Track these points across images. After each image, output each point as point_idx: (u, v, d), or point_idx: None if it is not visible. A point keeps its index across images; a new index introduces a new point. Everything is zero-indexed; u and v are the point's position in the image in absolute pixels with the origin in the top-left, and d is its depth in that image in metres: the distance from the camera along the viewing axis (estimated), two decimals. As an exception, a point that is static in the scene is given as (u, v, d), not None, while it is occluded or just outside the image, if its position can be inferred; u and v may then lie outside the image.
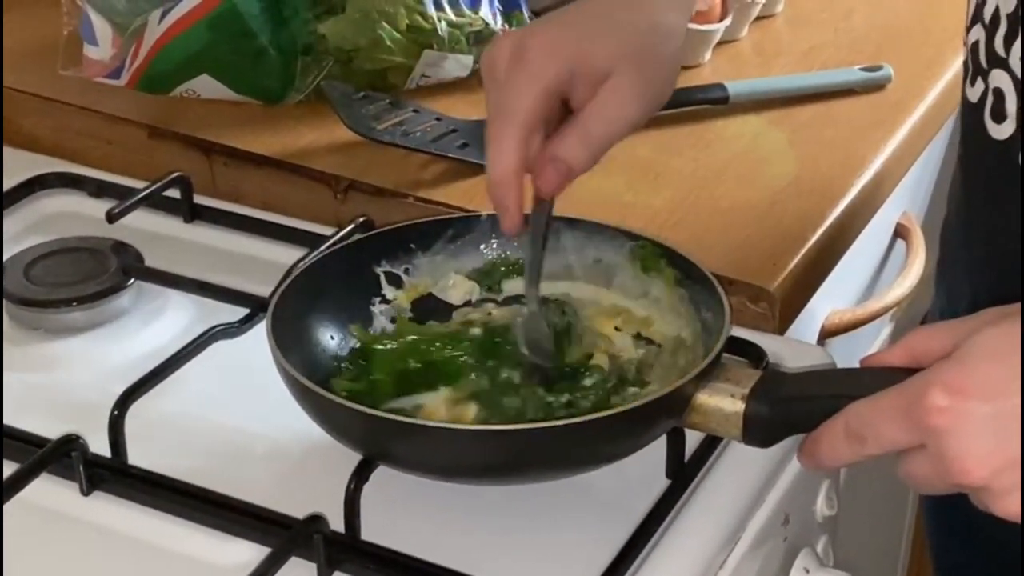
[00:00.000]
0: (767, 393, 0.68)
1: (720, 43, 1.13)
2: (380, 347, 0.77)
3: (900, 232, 1.17)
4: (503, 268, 0.82)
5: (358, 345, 0.78)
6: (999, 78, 0.76)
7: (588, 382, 0.75)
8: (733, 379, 0.69)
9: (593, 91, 0.72)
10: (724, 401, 0.69)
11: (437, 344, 0.77)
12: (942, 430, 0.60)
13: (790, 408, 0.68)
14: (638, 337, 0.79)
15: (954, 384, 0.60)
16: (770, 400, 0.68)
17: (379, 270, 0.81)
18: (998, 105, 0.76)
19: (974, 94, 0.79)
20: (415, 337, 0.78)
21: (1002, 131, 0.76)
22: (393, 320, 0.80)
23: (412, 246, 0.81)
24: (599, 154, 0.73)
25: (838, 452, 0.65)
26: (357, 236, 0.84)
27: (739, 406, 0.68)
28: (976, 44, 0.78)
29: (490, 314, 0.81)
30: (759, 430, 0.69)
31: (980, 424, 0.59)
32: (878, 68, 1.08)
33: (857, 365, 1.04)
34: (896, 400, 0.62)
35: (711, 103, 1.05)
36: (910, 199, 1.19)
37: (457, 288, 0.82)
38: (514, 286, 0.82)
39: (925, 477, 0.62)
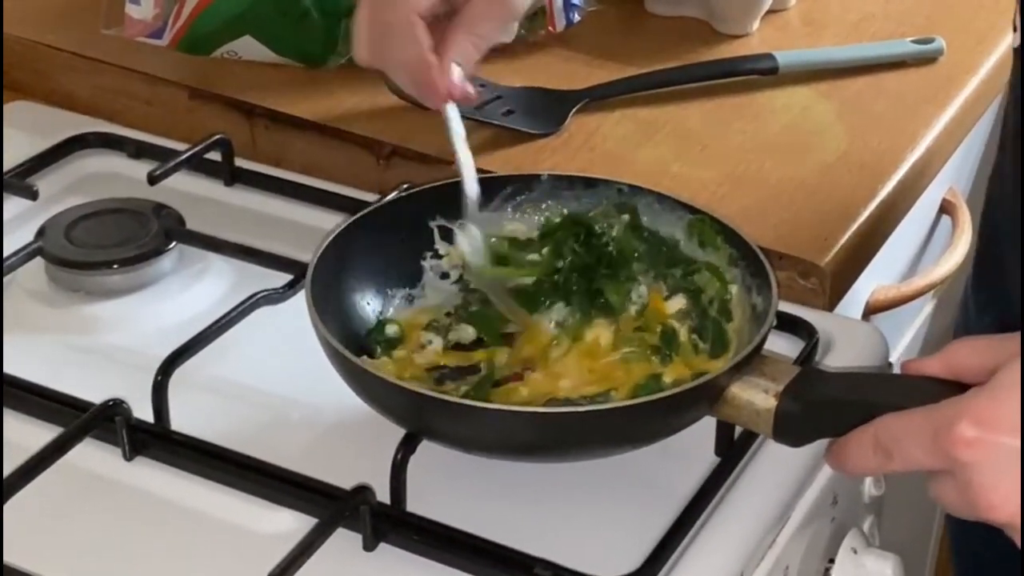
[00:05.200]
0: (801, 392, 0.67)
1: (768, 12, 1.11)
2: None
3: (946, 208, 1.16)
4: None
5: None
6: None
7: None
8: (769, 374, 0.68)
9: None
10: (757, 396, 0.67)
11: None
12: (968, 463, 0.58)
13: (823, 410, 0.66)
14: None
15: (985, 417, 0.58)
16: (804, 400, 0.67)
17: (434, 224, 0.79)
18: None
19: None
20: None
21: None
22: (443, 276, 0.79)
23: None
24: (485, 50, 0.77)
25: (864, 462, 0.64)
26: (413, 189, 0.82)
27: (771, 403, 0.67)
28: None
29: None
30: (790, 429, 0.67)
31: (1009, 459, 0.58)
32: (930, 40, 1.06)
33: (902, 342, 1.03)
34: (926, 423, 0.60)
35: (761, 73, 1.03)
36: (955, 174, 1.17)
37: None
38: None
39: (952, 504, 0.61)
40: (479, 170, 0.93)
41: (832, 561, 0.77)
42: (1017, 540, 0.60)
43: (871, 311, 1.04)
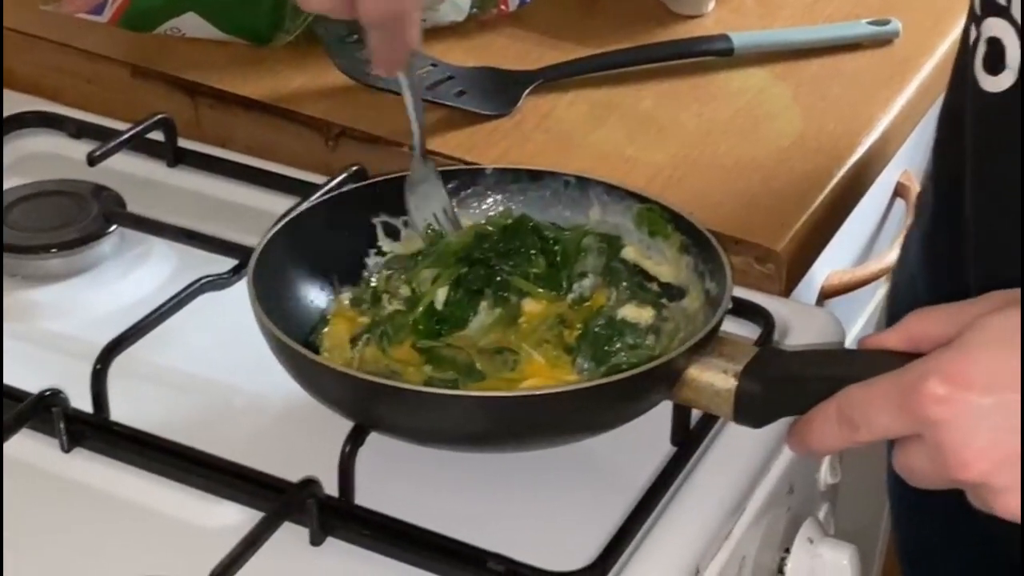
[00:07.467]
0: (761, 371, 0.66)
1: (723, -8, 1.10)
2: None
3: (900, 191, 1.15)
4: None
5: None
6: (996, 27, 0.72)
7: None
8: (727, 354, 0.67)
9: None
10: (716, 377, 0.66)
11: None
12: (940, 421, 0.57)
13: (784, 388, 0.65)
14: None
15: (954, 374, 0.57)
16: (764, 379, 0.65)
17: (376, 220, 0.78)
18: (993, 55, 0.72)
19: (970, 40, 0.75)
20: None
21: (998, 83, 0.72)
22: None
23: None
24: None
25: (828, 437, 0.62)
26: (354, 184, 0.81)
27: (731, 383, 0.66)
28: None
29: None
30: (751, 409, 0.66)
31: (980, 416, 0.56)
32: (886, 22, 1.06)
33: (855, 327, 1.02)
34: (892, 387, 0.59)
35: (716, 54, 1.01)
36: (909, 157, 1.16)
37: None
38: None
39: (921, 471, 0.59)
40: (432, 153, 0.91)
41: (788, 551, 0.76)
42: (986, 503, 0.58)
43: (825, 296, 1.03)
